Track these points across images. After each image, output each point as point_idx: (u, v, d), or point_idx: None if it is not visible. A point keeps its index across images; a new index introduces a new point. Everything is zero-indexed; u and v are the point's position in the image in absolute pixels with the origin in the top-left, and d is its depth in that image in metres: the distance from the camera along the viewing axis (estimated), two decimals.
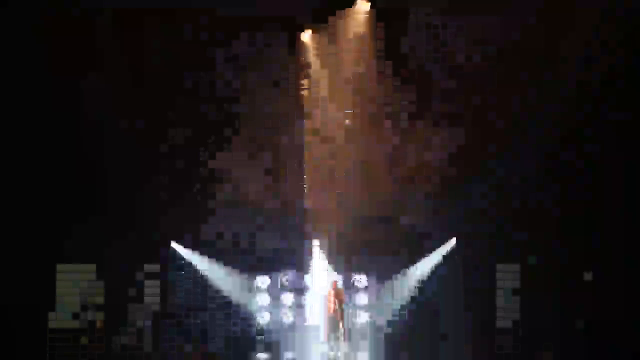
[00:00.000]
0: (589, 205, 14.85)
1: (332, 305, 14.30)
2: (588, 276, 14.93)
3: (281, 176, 15.32)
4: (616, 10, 14.16)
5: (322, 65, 15.34)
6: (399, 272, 15.48)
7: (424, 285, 15.39)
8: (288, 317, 15.40)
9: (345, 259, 15.31)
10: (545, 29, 14.48)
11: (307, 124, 15.35)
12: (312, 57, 15.32)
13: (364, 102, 15.22)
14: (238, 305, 15.41)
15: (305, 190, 15.29)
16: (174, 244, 15.36)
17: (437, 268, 15.42)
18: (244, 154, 15.17)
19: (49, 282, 14.66)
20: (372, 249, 15.20)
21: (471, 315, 14.96)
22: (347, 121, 15.32)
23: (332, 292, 14.41)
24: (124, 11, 14.41)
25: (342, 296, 14.49)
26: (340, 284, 14.78)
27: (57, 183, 14.37)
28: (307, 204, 15.30)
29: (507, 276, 15.15)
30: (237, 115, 15.21)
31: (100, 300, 14.85)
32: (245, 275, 15.44)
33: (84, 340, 14.70)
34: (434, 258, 15.45)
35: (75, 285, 14.80)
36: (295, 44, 15.21)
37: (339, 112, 15.36)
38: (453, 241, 15.42)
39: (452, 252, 15.42)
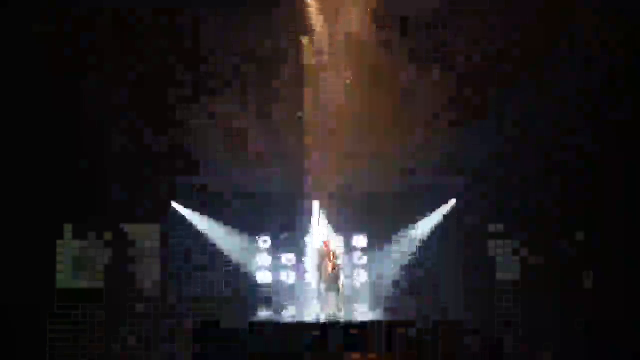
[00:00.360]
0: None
1: (330, 264, 14.43)
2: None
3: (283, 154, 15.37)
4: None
5: (324, 23, 15.27)
6: (398, 232, 15.61)
7: (424, 245, 15.53)
8: (288, 277, 15.57)
9: (345, 220, 15.50)
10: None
11: (307, 92, 15.32)
12: (313, 16, 15.23)
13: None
14: (238, 265, 15.51)
15: (306, 158, 15.37)
16: (174, 204, 15.47)
17: (437, 228, 15.54)
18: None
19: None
20: (372, 214, 15.32)
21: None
22: (347, 81, 15.28)
23: (328, 251, 14.53)
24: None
25: (336, 255, 14.65)
26: (333, 244, 14.91)
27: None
28: (308, 169, 15.40)
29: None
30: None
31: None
32: (246, 235, 15.55)
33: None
34: (434, 218, 15.56)
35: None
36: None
37: (339, 73, 15.33)
38: (453, 202, 15.52)
39: (452, 211, 15.54)
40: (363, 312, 15.17)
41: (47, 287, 14.60)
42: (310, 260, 15.57)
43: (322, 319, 14.03)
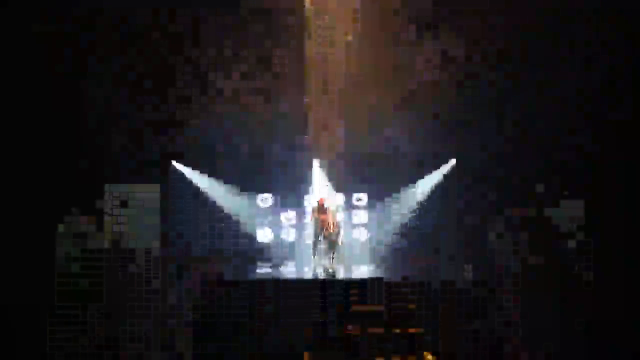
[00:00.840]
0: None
1: (330, 222, 14.49)
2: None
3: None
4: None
5: None
6: (399, 191, 15.67)
7: (423, 204, 15.62)
8: (288, 234, 15.76)
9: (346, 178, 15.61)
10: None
11: (309, 43, 15.25)
12: None
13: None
14: (238, 223, 15.58)
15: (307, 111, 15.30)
16: (174, 163, 15.49)
17: (437, 187, 15.62)
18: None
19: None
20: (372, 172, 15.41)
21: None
22: (348, 37, 15.20)
23: (323, 208, 14.59)
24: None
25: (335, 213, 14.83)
26: (332, 202, 14.95)
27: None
28: (310, 124, 15.39)
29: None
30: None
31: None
32: (246, 194, 15.66)
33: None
34: (435, 177, 15.61)
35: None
36: None
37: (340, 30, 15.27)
38: (453, 162, 15.55)
39: (452, 171, 15.58)
40: (362, 271, 15.24)
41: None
42: (309, 218, 15.66)
43: (320, 275, 14.10)
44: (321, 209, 14.69)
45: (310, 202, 15.63)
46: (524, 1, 14.42)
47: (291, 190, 15.77)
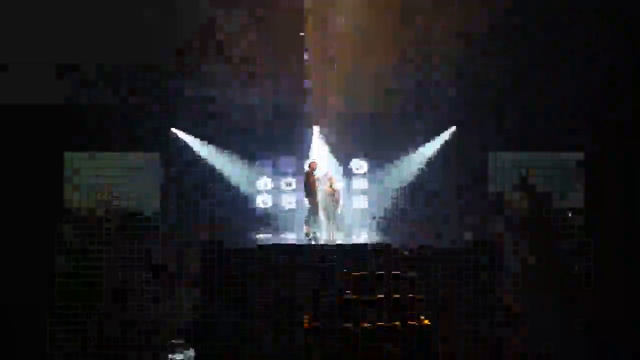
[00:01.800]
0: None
1: (327, 188, 14.56)
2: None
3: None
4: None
5: None
6: (399, 158, 15.70)
7: (423, 171, 15.73)
8: (288, 201, 15.93)
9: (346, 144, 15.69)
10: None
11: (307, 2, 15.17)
12: None
13: None
14: (239, 189, 15.67)
15: (306, 70, 15.22)
16: (174, 130, 15.50)
17: (438, 154, 15.68)
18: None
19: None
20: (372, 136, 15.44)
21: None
22: None
23: (311, 172, 14.64)
24: None
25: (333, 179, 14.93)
26: (329, 167, 15.13)
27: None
28: (309, 86, 15.32)
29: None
30: None
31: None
32: (246, 160, 15.79)
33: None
34: (437, 143, 15.69)
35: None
36: None
37: None
38: (453, 129, 15.54)
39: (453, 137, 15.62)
40: (362, 237, 15.33)
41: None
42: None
43: (317, 241, 14.29)
44: (311, 173, 14.70)
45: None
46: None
47: (291, 156, 15.82)
